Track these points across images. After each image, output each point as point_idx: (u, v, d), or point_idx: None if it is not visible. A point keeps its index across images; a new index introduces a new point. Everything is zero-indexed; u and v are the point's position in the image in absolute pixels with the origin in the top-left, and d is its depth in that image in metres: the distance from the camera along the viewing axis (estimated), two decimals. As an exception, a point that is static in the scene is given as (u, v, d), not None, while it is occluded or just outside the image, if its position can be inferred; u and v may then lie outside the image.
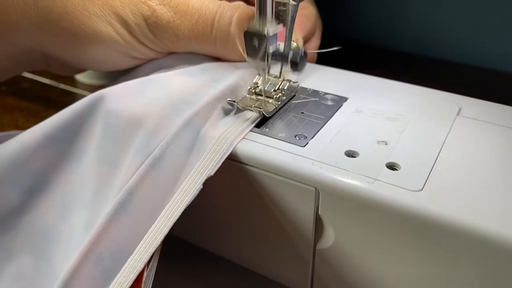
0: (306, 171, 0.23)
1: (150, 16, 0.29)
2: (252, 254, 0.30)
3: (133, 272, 0.22)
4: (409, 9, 0.51)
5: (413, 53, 0.53)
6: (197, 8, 0.29)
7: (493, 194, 0.22)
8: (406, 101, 0.29)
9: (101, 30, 0.29)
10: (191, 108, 0.26)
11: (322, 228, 0.25)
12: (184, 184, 0.24)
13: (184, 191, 0.23)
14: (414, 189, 0.22)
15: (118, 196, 0.23)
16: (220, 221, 0.29)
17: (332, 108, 0.29)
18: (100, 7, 0.29)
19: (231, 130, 0.26)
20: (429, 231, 0.21)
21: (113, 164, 0.26)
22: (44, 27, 0.29)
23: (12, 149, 0.27)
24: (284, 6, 0.27)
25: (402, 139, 0.25)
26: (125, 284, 0.21)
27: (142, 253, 0.22)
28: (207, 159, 0.24)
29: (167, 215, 0.23)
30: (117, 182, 0.25)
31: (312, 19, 0.34)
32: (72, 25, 0.29)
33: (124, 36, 0.29)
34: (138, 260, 0.22)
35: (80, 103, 0.27)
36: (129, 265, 0.22)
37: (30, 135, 0.27)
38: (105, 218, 0.23)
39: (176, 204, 0.23)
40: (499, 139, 0.26)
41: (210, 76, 0.29)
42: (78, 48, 0.30)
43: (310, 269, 0.27)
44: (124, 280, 0.22)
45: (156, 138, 0.25)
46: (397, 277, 0.24)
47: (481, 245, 0.20)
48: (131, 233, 0.23)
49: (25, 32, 0.29)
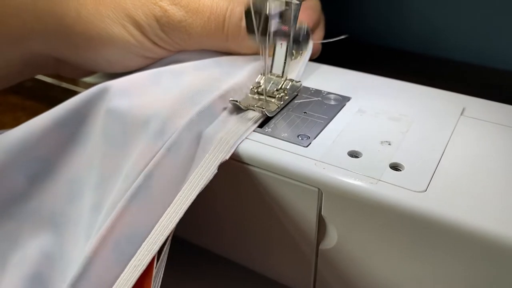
0: (309, 171, 0.23)
1: (162, 16, 0.29)
2: (254, 254, 0.29)
3: (148, 255, 0.22)
4: (412, 8, 0.51)
5: (417, 52, 0.52)
6: (208, 6, 0.30)
7: (497, 194, 0.22)
8: (409, 101, 0.29)
9: (115, 32, 0.29)
10: (206, 98, 0.27)
11: (325, 228, 0.25)
12: (199, 168, 0.24)
13: (199, 174, 0.24)
14: (418, 190, 0.22)
15: (136, 180, 0.24)
16: (222, 222, 0.29)
17: (335, 107, 0.28)
18: (113, 10, 0.29)
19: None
20: (432, 232, 0.21)
21: (121, 147, 0.26)
22: (58, 32, 0.30)
23: (20, 135, 0.28)
24: (287, 6, 0.26)
25: (405, 139, 0.25)
26: (140, 267, 0.22)
27: (157, 235, 0.23)
28: (222, 141, 0.25)
29: (183, 198, 0.23)
30: (126, 165, 0.25)
31: (317, 10, 0.35)
32: (86, 29, 0.30)
33: (137, 37, 0.30)
34: (153, 242, 0.23)
35: (90, 90, 0.28)
36: (144, 248, 0.23)
37: (39, 121, 0.28)
38: (123, 203, 0.23)
39: (191, 187, 0.24)
40: (503, 139, 0.25)
41: (223, 69, 0.30)
42: (92, 51, 0.31)
43: (312, 270, 0.27)
44: (139, 263, 0.22)
45: (172, 125, 0.25)
46: (400, 278, 0.24)
47: (484, 245, 0.20)
48: (147, 216, 0.24)
49: (39, 37, 0.30)
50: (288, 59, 0.29)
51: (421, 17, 0.51)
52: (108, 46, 0.30)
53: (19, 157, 0.27)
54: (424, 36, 0.52)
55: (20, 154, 0.27)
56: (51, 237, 0.27)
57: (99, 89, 0.27)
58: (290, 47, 0.28)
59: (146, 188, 0.24)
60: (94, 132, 0.27)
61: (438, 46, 0.51)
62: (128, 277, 0.22)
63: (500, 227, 0.20)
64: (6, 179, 0.28)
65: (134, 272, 0.22)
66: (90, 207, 0.26)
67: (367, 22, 0.54)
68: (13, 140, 0.27)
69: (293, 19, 0.27)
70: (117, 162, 0.26)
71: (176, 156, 0.25)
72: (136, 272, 0.22)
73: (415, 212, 0.21)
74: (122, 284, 0.22)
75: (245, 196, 0.27)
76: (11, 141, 0.27)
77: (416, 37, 0.52)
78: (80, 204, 0.27)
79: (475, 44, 0.49)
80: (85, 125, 0.28)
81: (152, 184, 0.24)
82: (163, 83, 0.28)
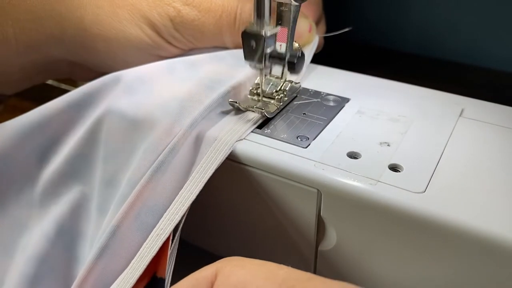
0: (308, 172, 0.23)
1: (176, 16, 0.31)
2: (253, 255, 0.29)
3: (170, 224, 0.23)
4: (411, 10, 0.51)
5: (416, 53, 0.52)
6: (220, 4, 0.31)
7: (495, 195, 0.22)
8: (408, 102, 0.29)
9: (132, 33, 0.31)
10: (223, 86, 0.28)
11: (324, 229, 0.25)
12: (218, 141, 0.25)
13: (216, 149, 0.25)
14: (417, 191, 0.22)
15: (159, 157, 0.25)
16: (222, 223, 0.29)
17: (334, 109, 0.28)
18: (129, 12, 0.31)
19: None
20: (431, 233, 0.21)
21: (137, 126, 0.27)
22: (77, 35, 0.31)
23: (34, 118, 0.28)
24: (286, 7, 0.26)
25: (404, 140, 0.25)
26: (162, 236, 0.23)
27: (178, 206, 0.24)
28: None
29: (202, 170, 0.24)
30: (143, 142, 0.26)
31: (320, 5, 0.36)
32: (103, 31, 0.31)
33: (153, 37, 0.31)
34: (175, 213, 0.24)
35: (105, 77, 0.29)
36: (166, 218, 0.24)
37: (53, 103, 0.29)
38: (146, 177, 0.24)
39: (212, 158, 0.25)
40: (501, 140, 0.25)
41: (237, 61, 0.31)
42: (110, 52, 0.32)
43: (312, 271, 0.27)
44: (161, 232, 0.23)
45: (193, 109, 0.26)
46: (399, 278, 0.24)
47: (483, 246, 0.20)
48: (168, 189, 0.25)
49: (57, 42, 0.32)
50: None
51: (420, 19, 0.51)
52: (126, 47, 0.31)
53: (31, 138, 0.28)
54: (423, 37, 0.52)
55: (32, 135, 0.28)
56: (63, 213, 0.28)
57: (114, 76, 0.28)
58: (290, 47, 0.28)
59: (167, 163, 0.25)
60: (108, 112, 0.28)
61: (438, 47, 0.51)
62: (151, 245, 0.23)
63: (499, 228, 0.20)
64: (18, 161, 0.28)
65: (157, 241, 0.23)
66: (100, 180, 0.27)
67: (366, 23, 0.54)
68: (27, 123, 0.28)
69: (292, 20, 0.27)
70: (132, 137, 0.26)
71: (195, 133, 0.26)
72: (158, 240, 0.23)
73: (414, 213, 0.21)
74: (145, 252, 0.23)
75: (244, 197, 0.27)
76: (25, 123, 0.28)
77: (416, 38, 0.52)
78: (92, 179, 0.28)
79: (474, 45, 0.49)
80: (97, 107, 0.28)
81: (172, 160, 0.25)
82: (176, 71, 0.29)
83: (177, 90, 0.28)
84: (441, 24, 0.50)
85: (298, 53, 0.27)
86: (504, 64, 0.48)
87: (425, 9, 0.50)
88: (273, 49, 0.27)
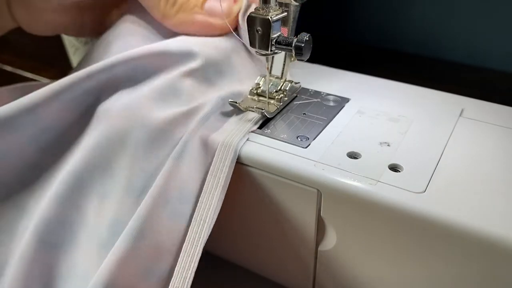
0: (308, 172, 0.23)
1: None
2: (253, 255, 0.29)
3: (210, 209, 0.24)
4: (411, 10, 0.51)
5: (416, 54, 0.53)
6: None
7: (495, 195, 0.22)
8: (408, 102, 0.29)
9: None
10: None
11: (324, 230, 0.25)
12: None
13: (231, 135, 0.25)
14: (417, 191, 0.22)
15: (176, 147, 0.25)
16: (221, 223, 0.29)
17: (334, 109, 0.28)
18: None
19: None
20: (431, 233, 0.21)
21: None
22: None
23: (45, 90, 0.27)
24: (286, 7, 0.26)
25: (404, 140, 0.25)
26: (208, 219, 0.24)
27: (211, 190, 0.24)
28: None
29: (225, 153, 0.25)
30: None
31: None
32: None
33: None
34: (210, 197, 0.24)
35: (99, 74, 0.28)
36: (203, 202, 0.24)
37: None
38: (169, 164, 0.24)
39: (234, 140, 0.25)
40: (501, 140, 0.25)
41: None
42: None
43: (312, 271, 0.27)
44: (203, 218, 0.24)
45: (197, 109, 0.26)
46: (399, 279, 0.24)
47: (483, 246, 0.20)
48: (190, 176, 0.25)
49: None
50: (287, 60, 0.29)
51: (420, 20, 0.51)
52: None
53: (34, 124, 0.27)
54: (423, 38, 0.52)
55: (33, 122, 0.27)
56: (72, 202, 0.27)
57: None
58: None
59: (184, 152, 0.25)
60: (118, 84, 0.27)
61: (437, 48, 0.51)
62: (198, 230, 0.24)
63: (499, 228, 0.20)
64: (18, 147, 0.27)
65: (201, 227, 0.24)
66: (104, 172, 0.26)
67: (366, 24, 0.54)
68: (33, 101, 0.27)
69: (292, 20, 0.27)
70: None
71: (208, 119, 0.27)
72: (204, 226, 0.23)
73: (414, 213, 0.21)
74: (192, 238, 0.24)
75: (244, 197, 0.27)
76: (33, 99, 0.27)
77: (416, 38, 0.52)
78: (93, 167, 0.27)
79: (474, 46, 0.49)
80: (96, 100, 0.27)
81: (188, 149, 0.25)
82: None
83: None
84: (441, 24, 0.50)
85: (306, 37, 0.27)
86: (504, 64, 0.48)
87: (425, 9, 0.50)
88: (279, 35, 0.26)
